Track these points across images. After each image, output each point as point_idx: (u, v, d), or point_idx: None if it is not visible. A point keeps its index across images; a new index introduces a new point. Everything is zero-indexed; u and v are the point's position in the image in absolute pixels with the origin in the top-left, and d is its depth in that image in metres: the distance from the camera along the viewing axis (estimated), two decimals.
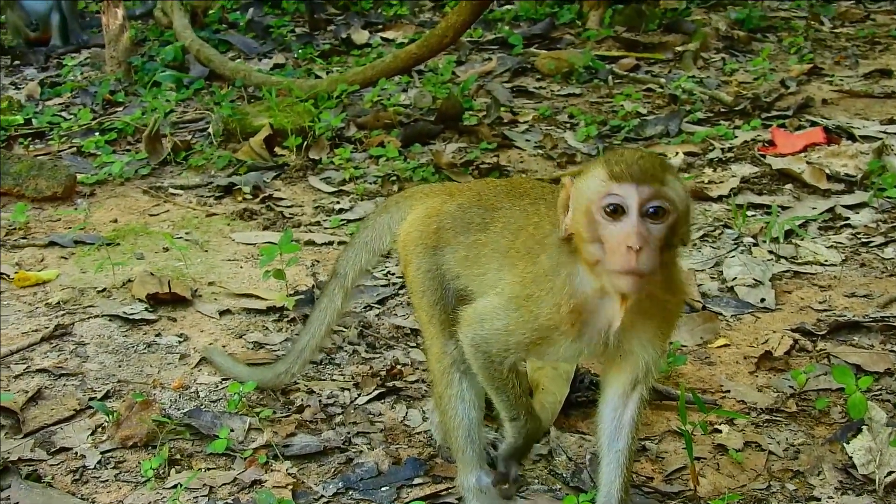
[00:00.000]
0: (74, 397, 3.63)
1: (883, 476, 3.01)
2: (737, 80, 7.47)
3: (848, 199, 5.16)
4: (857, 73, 7.47)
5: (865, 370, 3.57)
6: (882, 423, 3.17)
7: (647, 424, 3.37)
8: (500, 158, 5.95)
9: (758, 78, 7.45)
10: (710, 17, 9.11)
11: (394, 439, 3.36)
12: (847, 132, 6.12)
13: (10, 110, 6.87)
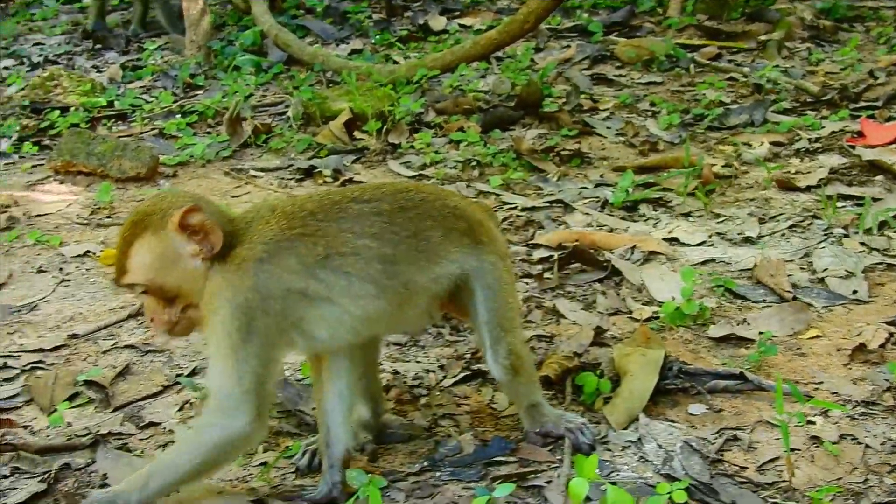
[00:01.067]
0: (162, 373, 3.68)
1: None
2: (823, 71, 7.34)
3: None
4: None
5: None
6: None
7: (738, 414, 3.32)
8: (581, 145, 5.91)
9: (845, 68, 7.30)
10: (795, 6, 8.94)
11: (480, 422, 3.35)
12: None
13: (93, 93, 6.96)
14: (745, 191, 5.21)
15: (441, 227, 2.94)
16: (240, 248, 2.76)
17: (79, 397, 3.53)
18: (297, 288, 2.76)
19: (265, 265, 2.73)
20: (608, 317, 4.01)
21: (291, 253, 2.76)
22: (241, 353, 2.68)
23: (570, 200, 5.14)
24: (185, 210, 2.71)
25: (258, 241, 2.76)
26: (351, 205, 2.87)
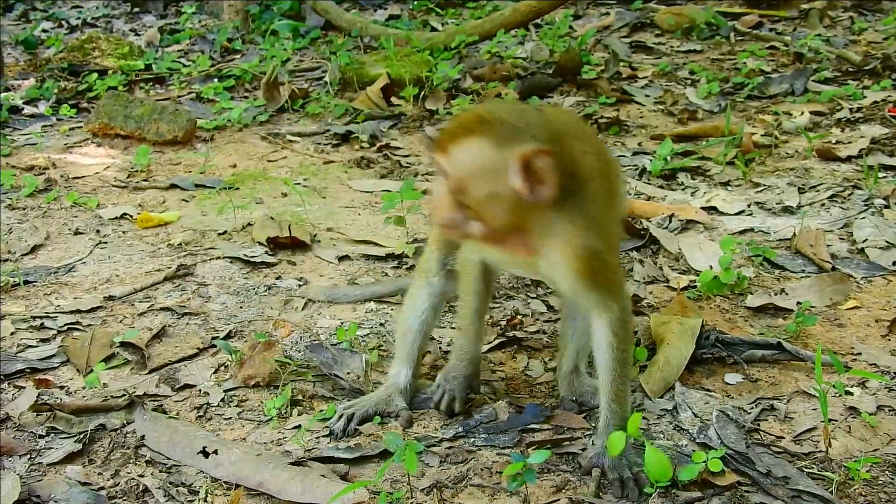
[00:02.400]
0: (197, 336, 3.68)
1: None
2: (866, 40, 7.22)
3: None
4: None
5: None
6: None
7: (774, 384, 3.28)
8: (619, 113, 5.84)
9: (888, 38, 7.18)
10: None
11: (515, 388, 3.33)
12: None
13: (131, 56, 6.97)
14: (785, 160, 5.13)
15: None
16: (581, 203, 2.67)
17: (115, 359, 3.54)
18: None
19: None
20: (645, 285, 3.97)
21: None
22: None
23: None
24: (536, 151, 2.53)
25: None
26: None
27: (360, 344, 3.52)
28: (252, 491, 2.84)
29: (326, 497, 2.70)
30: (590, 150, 2.82)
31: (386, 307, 3.84)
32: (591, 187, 2.72)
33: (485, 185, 2.58)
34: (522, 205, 2.59)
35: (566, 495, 2.78)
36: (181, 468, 2.96)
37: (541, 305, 3.83)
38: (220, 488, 2.86)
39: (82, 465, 2.96)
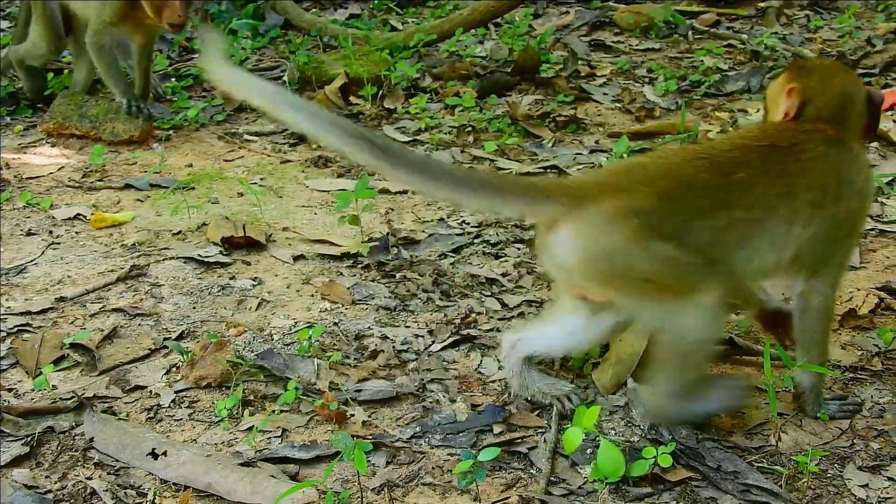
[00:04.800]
0: (149, 337, 3.63)
1: None
2: (821, 38, 7.26)
3: None
4: None
5: None
6: None
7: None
8: (577, 111, 5.84)
9: (843, 35, 7.23)
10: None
11: (468, 387, 3.31)
12: None
13: None
14: None
15: None
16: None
17: (65, 360, 3.48)
18: None
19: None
20: None
21: None
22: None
23: (565, 166, 5.08)
24: (792, 87, 3.05)
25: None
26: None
27: (314, 347, 3.48)
28: (201, 492, 2.82)
29: (275, 497, 2.67)
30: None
31: (340, 306, 3.81)
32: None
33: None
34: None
35: (517, 492, 2.78)
36: (130, 470, 2.93)
37: (495, 304, 3.82)
38: (170, 490, 2.84)
39: (29, 468, 2.92)
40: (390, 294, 3.90)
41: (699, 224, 2.79)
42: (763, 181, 2.85)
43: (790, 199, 2.86)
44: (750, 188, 2.85)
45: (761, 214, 2.84)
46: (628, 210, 2.74)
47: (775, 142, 2.94)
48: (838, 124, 3.00)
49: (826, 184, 2.91)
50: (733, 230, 2.83)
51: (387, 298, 3.87)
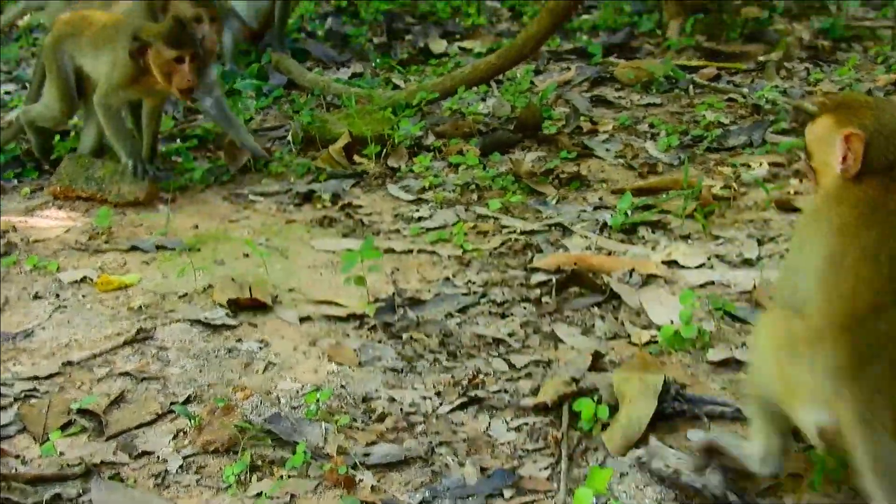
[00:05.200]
0: (156, 401, 3.63)
1: None
2: (822, 90, 7.30)
3: None
4: None
5: None
6: None
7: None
8: (580, 168, 5.87)
9: (844, 88, 7.27)
10: (793, 26, 8.93)
11: (477, 450, 3.30)
12: None
13: None
14: (744, 212, 5.16)
15: None
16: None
17: (72, 426, 3.48)
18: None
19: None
20: (606, 341, 3.96)
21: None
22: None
23: (569, 223, 5.10)
24: (850, 134, 2.76)
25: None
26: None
27: (321, 410, 3.47)
28: None
29: None
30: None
31: (347, 368, 3.81)
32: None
33: (818, 153, 2.95)
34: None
35: None
36: None
37: (503, 364, 3.81)
38: None
39: None
40: (397, 355, 3.90)
41: None
42: None
43: None
44: None
45: None
46: None
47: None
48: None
49: None
50: None
51: (394, 360, 3.86)
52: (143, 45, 5.23)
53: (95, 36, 5.59)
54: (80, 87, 5.83)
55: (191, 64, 5.21)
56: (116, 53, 5.41)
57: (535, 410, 3.47)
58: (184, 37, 5.24)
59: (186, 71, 5.20)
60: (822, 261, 2.70)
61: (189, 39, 5.26)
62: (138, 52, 5.24)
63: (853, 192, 2.77)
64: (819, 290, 2.68)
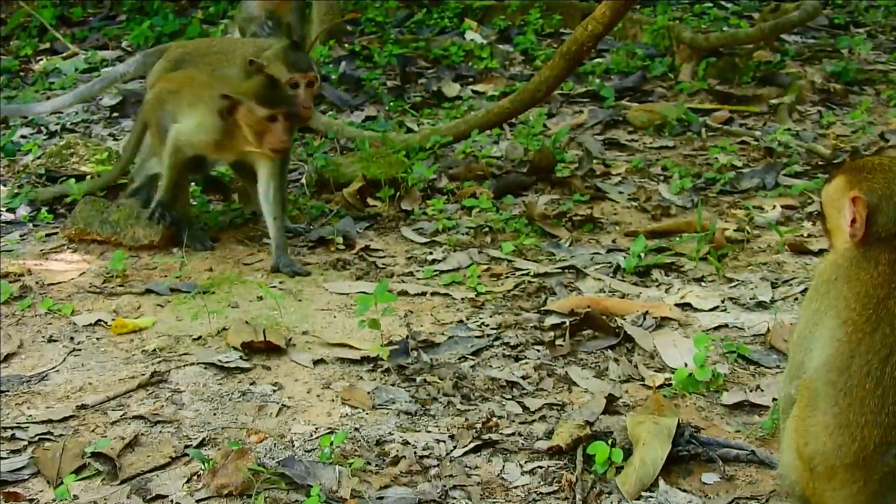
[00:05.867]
0: (170, 444, 3.64)
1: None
2: (834, 133, 7.33)
3: None
4: None
5: None
6: None
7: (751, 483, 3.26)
8: (593, 210, 5.89)
9: (856, 131, 7.30)
10: (805, 70, 8.96)
11: (491, 493, 3.30)
12: None
13: (109, 161, 6.97)
14: (758, 255, 5.18)
15: None
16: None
17: (86, 469, 3.49)
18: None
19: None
20: (620, 384, 3.97)
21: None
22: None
23: (582, 266, 5.12)
24: (854, 198, 2.81)
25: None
26: None
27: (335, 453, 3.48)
28: None
29: None
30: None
31: (361, 411, 3.82)
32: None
33: (830, 214, 3.00)
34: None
35: None
36: None
37: (516, 407, 3.82)
38: None
39: None
40: (411, 398, 3.91)
41: None
42: None
43: None
44: None
45: None
46: None
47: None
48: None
49: None
50: None
51: (407, 403, 3.87)
52: (234, 104, 5.08)
53: (193, 94, 5.44)
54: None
55: (284, 123, 5.06)
56: (207, 109, 5.24)
57: (549, 454, 3.47)
58: (277, 95, 5.12)
59: (280, 130, 5.04)
60: (835, 354, 2.76)
61: (282, 98, 5.13)
62: (228, 111, 5.09)
63: (865, 264, 2.81)
64: (831, 406, 2.74)
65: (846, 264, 2.85)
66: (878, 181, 2.83)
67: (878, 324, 2.72)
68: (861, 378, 2.70)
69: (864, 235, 2.82)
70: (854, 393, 2.70)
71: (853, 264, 2.83)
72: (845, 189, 2.88)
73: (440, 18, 11.19)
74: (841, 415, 2.71)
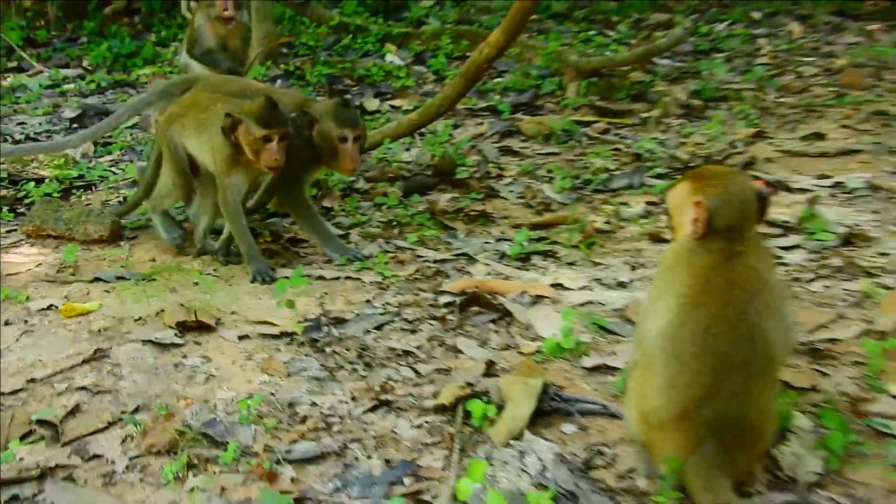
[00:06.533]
0: (109, 411, 3.60)
1: (804, 476, 2.97)
2: (692, 142, 7.47)
3: (784, 242, 5.14)
4: (796, 136, 7.46)
5: (793, 386, 3.53)
6: (806, 430, 3.13)
7: (602, 432, 3.34)
8: (486, 207, 5.95)
9: (710, 140, 7.44)
10: (672, 88, 9.13)
11: (383, 445, 3.33)
12: (785, 185, 6.12)
13: (66, 166, 6.89)
14: (622, 243, 5.28)
15: None
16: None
17: (32, 435, 3.44)
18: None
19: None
20: (499, 352, 4.02)
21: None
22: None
23: (474, 253, 5.17)
24: (697, 202, 2.92)
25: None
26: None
27: (252, 414, 3.49)
28: None
29: None
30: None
31: (277, 378, 3.82)
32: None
33: (676, 215, 3.10)
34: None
35: None
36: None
37: (410, 372, 3.85)
38: None
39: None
40: (321, 367, 3.92)
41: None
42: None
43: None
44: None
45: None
46: None
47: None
48: (742, 224, 2.95)
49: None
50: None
51: (317, 370, 3.89)
52: (235, 122, 4.79)
53: (199, 117, 5.09)
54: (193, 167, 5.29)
55: (279, 143, 4.74)
56: (214, 132, 4.92)
57: (435, 411, 3.51)
58: (274, 116, 4.77)
59: (274, 150, 4.73)
60: (667, 325, 2.88)
61: (279, 120, 4.78)
62: (230, 129, 4.79)
63: (700, 252, 2.93)
64: (662, 368, 2.88)
65: (685, 253, 2.96)
66: (717, 188, 2.94)
67: (703, 301, 2.82)
68: (686, 345, 2.79)
69: (703, 232, 2.92)
70: (681, 358, 2.80)
71: (691, 253, 2.94)
72: (690, 194, 2.98)
73: (364, 43, 11.20)
74: (670, 376, 2.81)
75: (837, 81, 9.28)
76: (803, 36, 11.86)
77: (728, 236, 2.92)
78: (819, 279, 4.65)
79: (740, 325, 2.79)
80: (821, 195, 5.80)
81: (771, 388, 2.88)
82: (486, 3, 13.34)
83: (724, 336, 2.79)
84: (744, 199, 2.95)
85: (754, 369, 2.79)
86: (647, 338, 2.93)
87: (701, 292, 2.85)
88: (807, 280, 4.65)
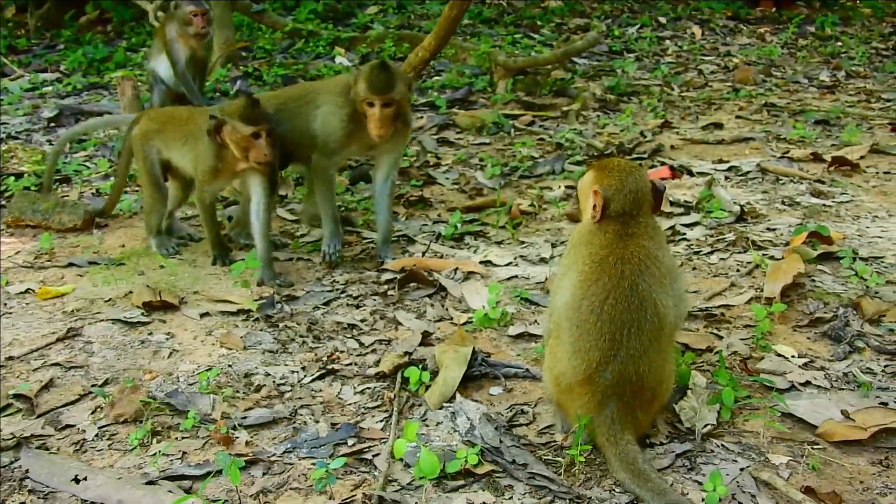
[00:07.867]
0: (80, 385, 3.51)
1: (700, 427, 2.99)
2: (607, 132, 7.48)
3: (685, 220, 5.17)
4: (697, 126, 7.52)
5: (691, 348, 3.56)
6: (702, 387, 3.15)
7: (525, 393, 3.33)
8: (424, 192, 5.89)
9: (623, 130, 7.47)
10: (589, 84, 9.13)
11: (330, 410, 3.29)
12: (687, 170, 6.16)
13: (43, 162, 6.65)
14: (544, 223, 5.26)
15: None
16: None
17: (9, 408, 3.34)
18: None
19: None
20: (435, 323, 3.99)
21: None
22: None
23: (413, 234, 5.12)
24: (596, 190, 2.95)
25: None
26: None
27: (211, 385, 3.41)
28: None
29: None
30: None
31: (234, 351, 3.75)
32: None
33: (582, 199, 3.16)
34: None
35: (361, 491, 2.76)
36: (57, 494, 2.82)
37: (355, 343, 3.81)
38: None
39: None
40: (274, 340, 3.85)
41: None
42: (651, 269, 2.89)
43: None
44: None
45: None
46: None
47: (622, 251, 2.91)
48: (635, 211, 2.96)
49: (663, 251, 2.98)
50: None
51: (271, 343, 3.82)
52: (220, 123, 4.42)
53: (183, 129, 4.75)
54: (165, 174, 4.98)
55: (267, 139, 4.41)
56: (199, 140, 4.59)
57: (377, 378, 3.48)
58: (258, 113, 4.42)
59: (263, 145, 4.39)
60: (571, 298, 2.88)
61: (263, 116, 4.44)
62: (215, 130, 4.43)
63: (598, 233, 2.95)
64: (568, 336, 2.87)
65: (587, 233, 2.98)
66: (614, 179, 2.96)
67: (601, 275, 2.81)
68: (588, 315, 2.79)
69: (600, 217, 2.93)
70: (583, 326, 2.79)
71: (591, 233, 2.96)
72: (591, 183, 3.01)
73: (315, 46, 11.01)
74: (575, 343, 2.80)
75: (733, 78, 9.36)
76: (704, 38, 11.95)
77: (622, 220, 2.94)
78: (715, 252, 4.68)
79: (633, 296, 2.79)
80: (718, 178, 5.84)
81: (665, 350, 2.89)
82: (425, 10, 13.22)
83: (619, 306, 2.79)
84: (637, 189, 2.97)
85: (648, 335, 2.79)
86: (556, 309, 2.93)
87: (598, 269, 2.86)
88: (705, 253, 4.68)
